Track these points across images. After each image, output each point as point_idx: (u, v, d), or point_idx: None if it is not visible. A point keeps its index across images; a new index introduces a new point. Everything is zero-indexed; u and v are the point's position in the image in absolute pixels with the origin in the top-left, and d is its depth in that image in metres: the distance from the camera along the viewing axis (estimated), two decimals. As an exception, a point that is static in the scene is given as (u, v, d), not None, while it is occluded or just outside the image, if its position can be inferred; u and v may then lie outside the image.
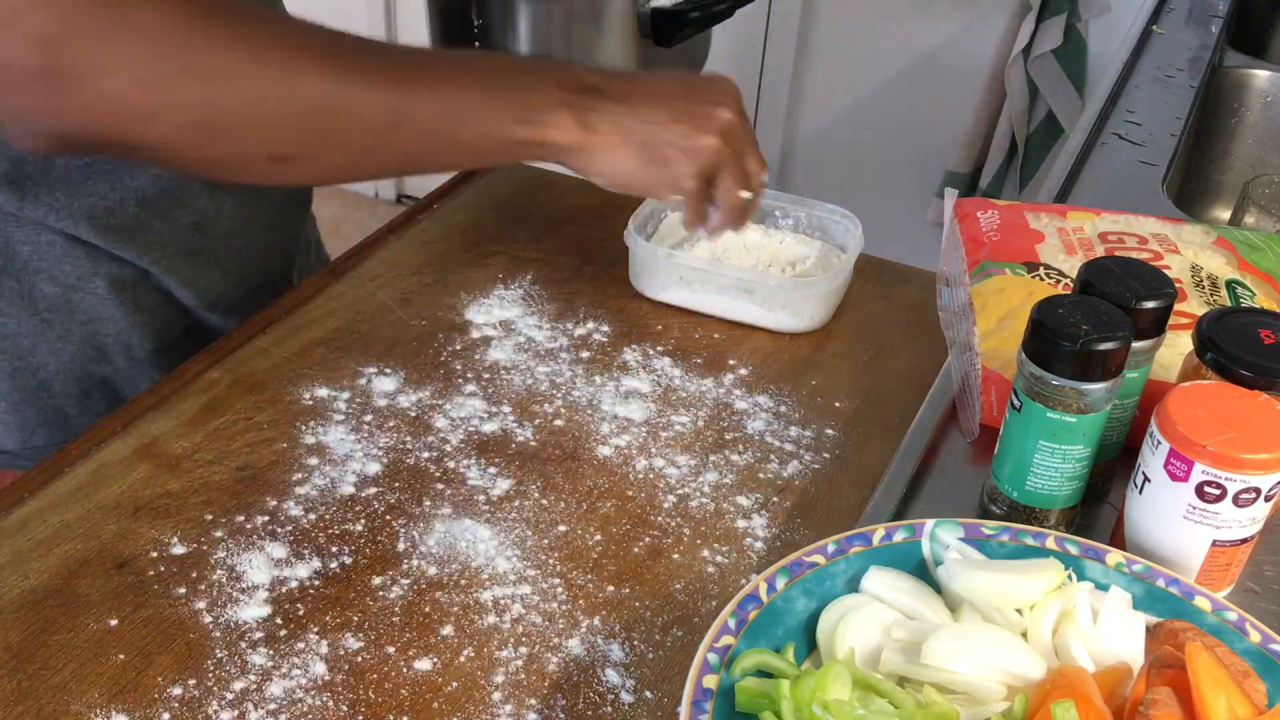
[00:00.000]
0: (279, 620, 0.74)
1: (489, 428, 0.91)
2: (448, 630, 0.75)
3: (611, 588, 0.78)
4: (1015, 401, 0.73)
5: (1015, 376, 0.73)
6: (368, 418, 0.91)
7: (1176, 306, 0.77)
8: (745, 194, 0.89)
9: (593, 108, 0.81)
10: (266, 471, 0.85)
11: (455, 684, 0.71)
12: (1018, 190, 2.35)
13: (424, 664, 0.72)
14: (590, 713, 0.70)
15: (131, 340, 0.96)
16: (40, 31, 0.65)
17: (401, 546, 0.80)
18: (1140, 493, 0.71)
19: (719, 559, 0.81)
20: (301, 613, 0.75)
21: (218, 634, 0.73)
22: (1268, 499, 0.68)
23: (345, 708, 0.69)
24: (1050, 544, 0.70)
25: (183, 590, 0.76)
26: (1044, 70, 2.22)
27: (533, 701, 0.70)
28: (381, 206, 3.22)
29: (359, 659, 0.72)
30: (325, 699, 0.70)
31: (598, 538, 0.82)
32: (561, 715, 0.70)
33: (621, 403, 0.94)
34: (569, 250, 1.13)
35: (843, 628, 0.66)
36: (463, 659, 0.73)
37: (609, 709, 0.70)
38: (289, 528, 0.81)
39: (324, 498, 0.84)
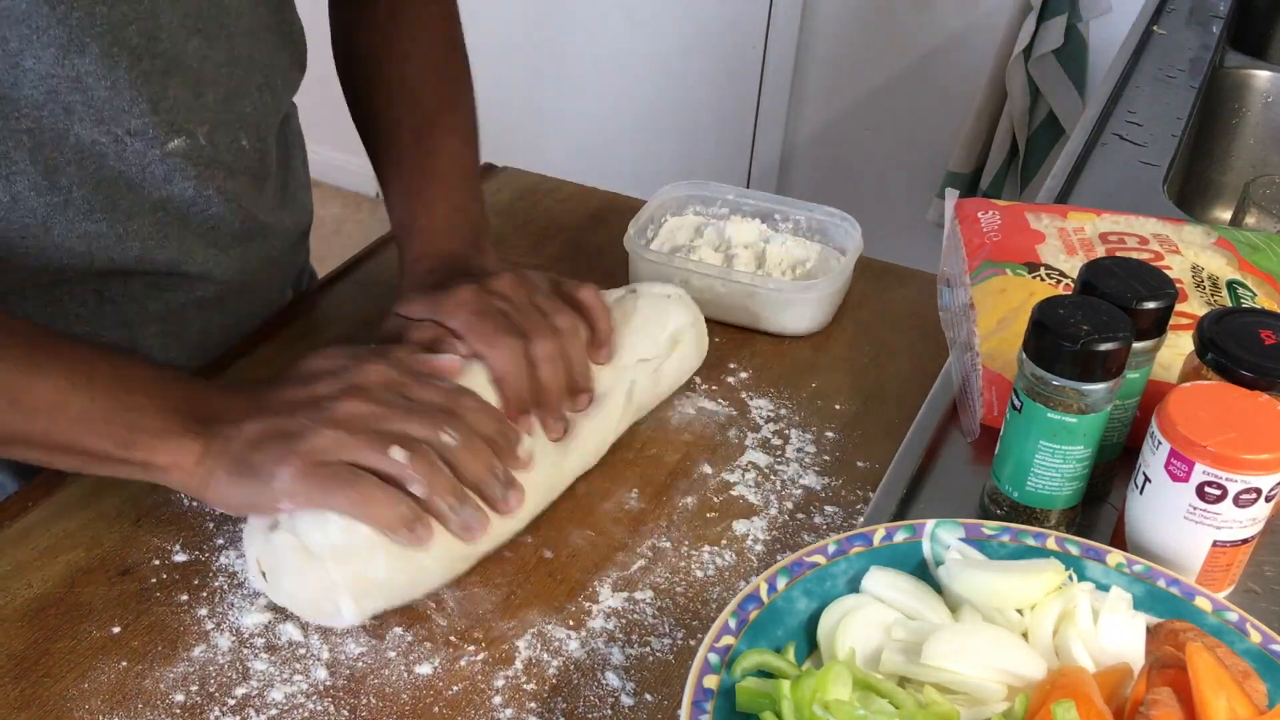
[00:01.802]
0: (280, 626, 0.74)
1: (490, 432, 0.91)
2: (448, 634, 0.75)
3: (612, 589, 0.78)
4: (1016, 402, 0.73)
5: (1016, 377, 0.73)
6: (369, 423, 0.91)
7: (1177, 307, 0.77)
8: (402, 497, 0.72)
9: (202, 434, 0.73)
10: (268, 477, 0.85)
11: (456, 688, 0.71)
12: (1018, 190, 2.35)
13: (424, 668, 0.72)
14: (591, 715, 0.70)
15: None
16: None
17: (403, 551, 0.80)
18: (1141, 493, 0.71)
19: (719, 559, 0.81)
20: (302, 619, 0.75)
21: (220, 640, 0.73)
22: (1268, 499, 0.68)
23: (346, 713, 0.69)
24: (1051, 544, 0.70)
25: (185, 597, 0.76)
26: (1045, 70, 2.22)
27: (533, 705, 0.70)
28: (382, 207, 3.21)
29: (360, 664, 0.72)
30: (326, 704, 0.70)
31: (599, 539, 0.82)
32: (562, 718, 0.70)
33: (622, 406, 0.94)
34: (569, 256, 1.13)
35: (843, 628, 0.66)
36: (463, 663, 0.73)
37: (609, 711, 0.70)
38: (291, 533, 0.81)
39: (325, 503, 0.83)
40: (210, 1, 0.82)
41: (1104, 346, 0.69)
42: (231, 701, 0.69)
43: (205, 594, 0.76)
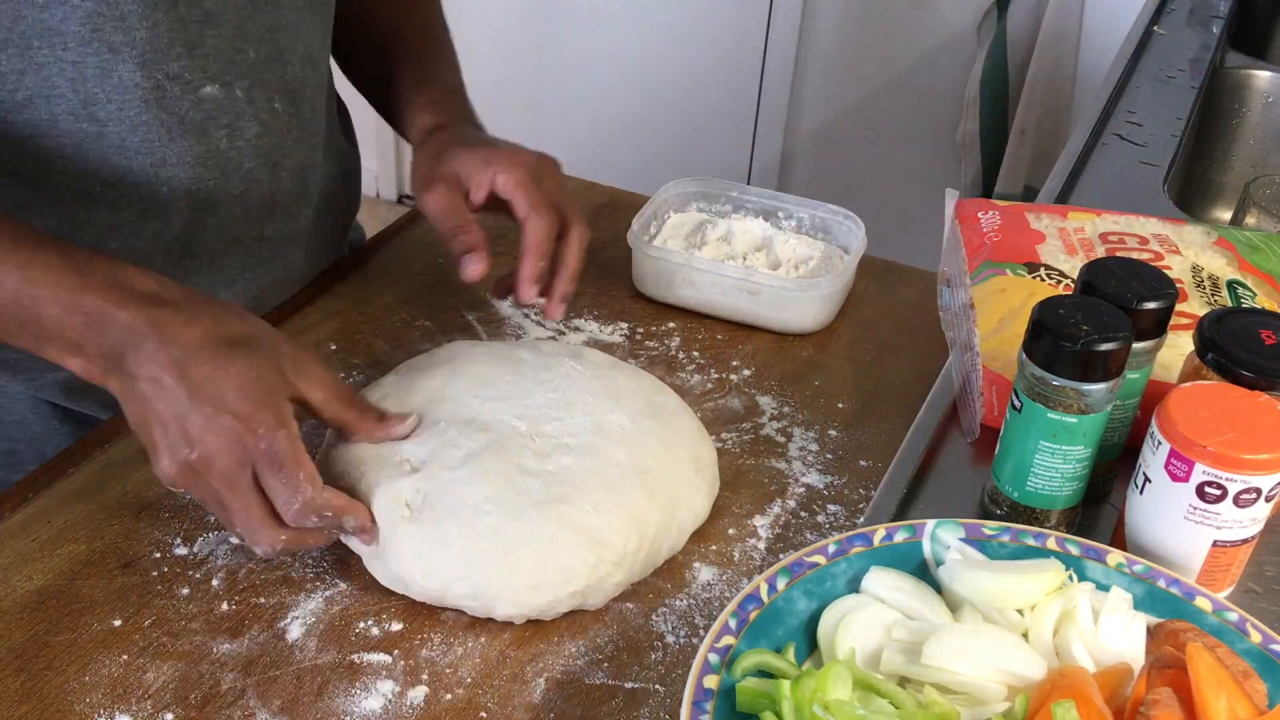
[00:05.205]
0: (281, 622, 0.74)
1: (491, 428, 0.91)
2: (449, 626, 0.75)
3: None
4: (1016, 402, 0.73)
5: (1016, 377, 0.73)
6: (370, 418, 0.91)
7: (1177, 307, 0.77)
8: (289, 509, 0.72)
9: (106, 372, 0.73)
10: (269, 472, 0.85)
11: (455, 689, 0.71)
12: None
13: (424, 671, 0.72)
14: (591, 712, 0.70)
15: (47, 446, 0.96)
16: None
17: (404, 547, 0.80)
18: (1141, 493, 0.72)
19: (721, 557, 0.81)
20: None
21: (221, 635, 0.73)
22: (1268, 499, 0.68)
23: (348, 708, 0.70)
24: (1051, 544, 0.70)
25: (186, 591, 0.76)
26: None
27: (533, 701, 0.70)
28: (382, 206, 3.22)
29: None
30: (328, 699, 0.70)
31: (599, 538, 0.82)
32: (561, 714, 0.70)
33: (623, 403, 0.94)
34: (571, 251, 1.13)
35: (843, 628, 0.66)
36: (461, 656, 0.73)
37: (609, 708, 0.70)
38: (292, 528, 0.81)
39: (326, 498, 0.83)
40: None
41: (1104, 346, 0.69)
42: (232, 697, 0.70)
43: (206, 588, 0.76)
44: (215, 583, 0.76)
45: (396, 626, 0.74)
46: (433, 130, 0.97)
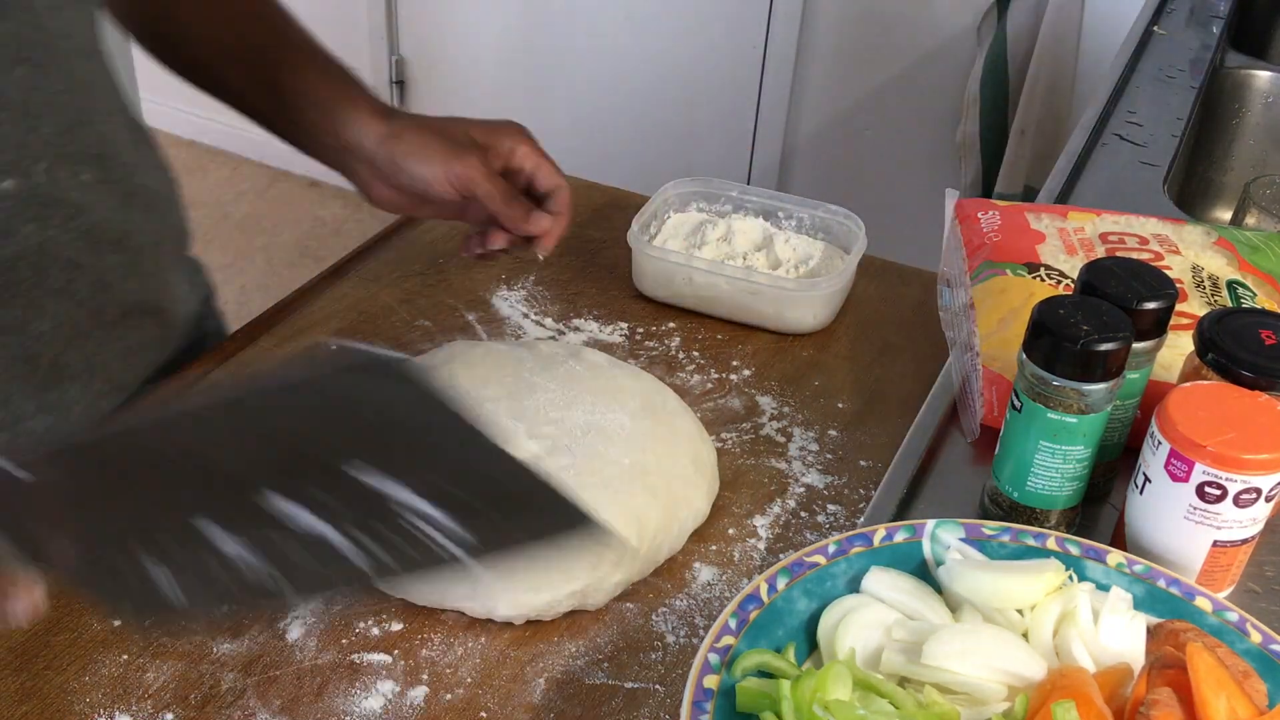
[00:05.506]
0: (282, 623, 0.74)
1: (491, 428, 0.91)
2: (449, 626, 0.75)
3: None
4: (1016, 402, 0.73)
5: (1016, 377, 0.73)
6: (370, 418, 0.91)
7: (1177, 307, 0.77)
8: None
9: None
10: (269, 472, 0.85)
11: (453, 692, 0.71)
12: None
13: (424, 672, 0.72)
14: (590, 714, 0.70)
15: None
16: None
17: (404, 547, 0.80)
18: (1141, 493, 0.72)
19: (721, 557, 0.81)
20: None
21: (221, 635, 0.73)
22: (1268, 499, 0.68)
23: (348, 708, 0.70)
24: (1051, 544, 0.71)
25: (186, 591, 0.76)
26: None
27: (533, 701, 0.70)
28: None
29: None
30: (328, 699, 0.70)
31: (599, 538, 0.82)
32: (561, 714, 0.70)
33: (623, 403, 0.94)
34: (572, 251, 1.13)
35: (843, 628, 0.66)
36: (459, 656, 0.73)
37: (609, 709, 0.70)
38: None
39: (326, 498, 0.83)
40: (32, 25, 0.73)
41: (1104, 346, 0.69)
42: (232, 697, 0.70)
43: (206, 589, 0.76)
44: (215, 583, 0.77)
45: (396, 626, 0.74)
46: (385, 118, 0.91)
